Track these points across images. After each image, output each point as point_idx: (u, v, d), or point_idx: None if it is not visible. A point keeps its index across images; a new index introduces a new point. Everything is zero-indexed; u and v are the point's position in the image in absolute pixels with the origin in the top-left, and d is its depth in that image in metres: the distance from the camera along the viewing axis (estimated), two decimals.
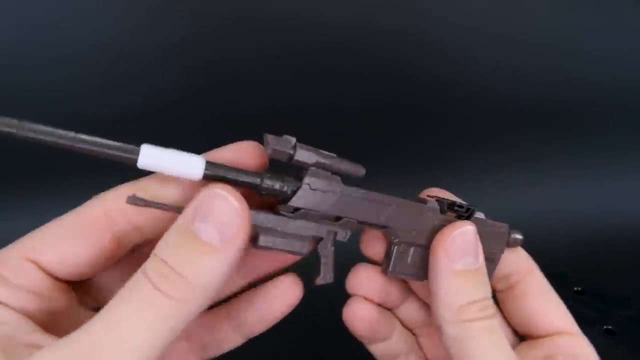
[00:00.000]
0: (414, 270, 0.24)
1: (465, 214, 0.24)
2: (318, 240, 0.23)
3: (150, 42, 0.51)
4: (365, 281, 0.26)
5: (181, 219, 0.19)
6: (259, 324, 0.25)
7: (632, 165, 0.62)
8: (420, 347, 0.29)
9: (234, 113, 0.55)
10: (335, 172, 0.22)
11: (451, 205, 0.24)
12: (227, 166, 0.21)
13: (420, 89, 0.56)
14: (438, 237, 0.24)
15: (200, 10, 0.50)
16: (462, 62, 0.55)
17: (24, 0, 0.48)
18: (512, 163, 0.61)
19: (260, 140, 0.23)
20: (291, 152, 0.21)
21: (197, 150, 0.23)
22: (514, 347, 0.27)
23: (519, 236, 0.26)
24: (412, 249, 0.24)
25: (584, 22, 0.54)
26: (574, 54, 0.55)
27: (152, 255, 0.19)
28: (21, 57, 0.50)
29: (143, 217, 0.21)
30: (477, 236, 0.24)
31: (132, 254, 0.23)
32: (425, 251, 0.24)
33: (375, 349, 0.28)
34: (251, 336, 0.25)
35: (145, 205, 0.20)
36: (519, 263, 0.27)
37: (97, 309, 0.21)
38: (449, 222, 0.24)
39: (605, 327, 0.39)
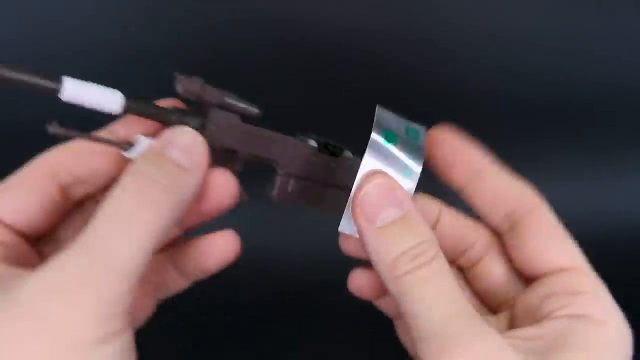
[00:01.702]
0: (293, 197, 0.26)
1: (335, 152, 0.26)
2: None
3: (150, 42, 0.51)
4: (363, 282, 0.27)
5: (153, 145, 0.22)
6: (198, 272, 0.26)
7: (632, 165, 0.62)
8: None
9: None
10: (234, 111, 0.25)
11: (325, 145, 0.26)
12: (144, 102, 0.23)
13: (420, 89, 0.56)
14: (353, 201, 0.23)
15: (200, 10, 0.50)
16: (461, 62, 0.55)
17: (24, 0, 0.48)
18: (511, 163, 0.61)
19: None
20: (200, 91, 0.23)
21: None
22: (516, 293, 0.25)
23: None
24: (292, 180, 0.26)
25: (584, 22, 0.54)
26: (574, 54, 0.55)
27: (126, 172, 0.20)
28: (21, 57, 0.50)
29: (85, 170, 0.23)
30: (392, 185, 0.23)
31: (79, 208, 0.25)
32: (304, 182, 0.26)
33: (379, 304, 0.29)
34: (195, 280, 0.27)
35: (74, 136, 0.22)
36: (520, 200, 0.25)
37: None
38: (325, 159, 0.26)
39: None
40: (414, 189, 0.24)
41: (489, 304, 0.27)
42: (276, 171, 0.26)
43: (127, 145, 0.23)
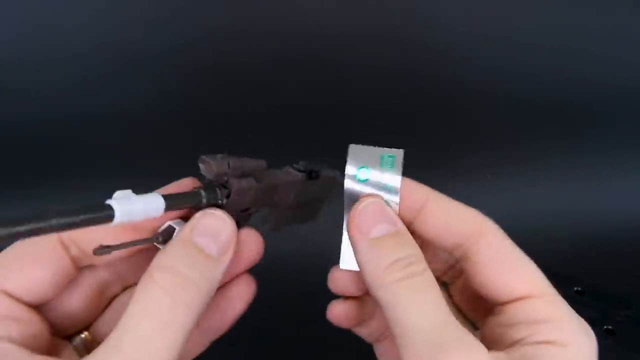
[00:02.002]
0: (285, 224, 0.28)
1: (317, 175, 0.28)
2: None
3: (150, 42, 0.51)
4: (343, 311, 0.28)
5: (182, 234, 0.22)
6: (222, 324, 0.26)
7: (632, 165, 0.62)
8: None
9: (233, 114, 0.55)
10: (250, 174, 0.25)
11: (309, 172, 0.28)
12: (175, 195, 0.22)
13: (420, 90, 0.56)
14: (349, 215, 0.24)
15: (200, 11, 0.50)
16: (461, 63, 0.55)
17: (24, 0, 0.48)
18: (512, 163, 0.61)
19: (263, 141, 0.23)
20: (227, 169, 0.23)
21: (196, 151, 0.23)
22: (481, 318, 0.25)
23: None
24: (285, 212, 0.28)
25: (584, 22, 0.54)
26: (574, 54, 0.55)
27: (157, 266, 0.21)
28: (21, 57, 0.50)
29: (92, 246, 0.22)
30: (384, 205, 0.24)
31: (84, 272, 0.24)
32: (294, 209, 0.28)
33: (359, 331, 0.29)
34: (215, 338, 0.26)
35: (114, 250, 0.21)
36: (466, 230, 0.24)
37: (56, 330, 0.23)
38: (310, 183, 0.27)
39: (605, 327, 0.39)
40: (398, 201, 0.25)
41: (470, 318, 0.28)
42: (272, 208, 0.27)
43: (159, 236, 0.22)
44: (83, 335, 0.24)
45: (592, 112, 0.59)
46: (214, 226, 0.22)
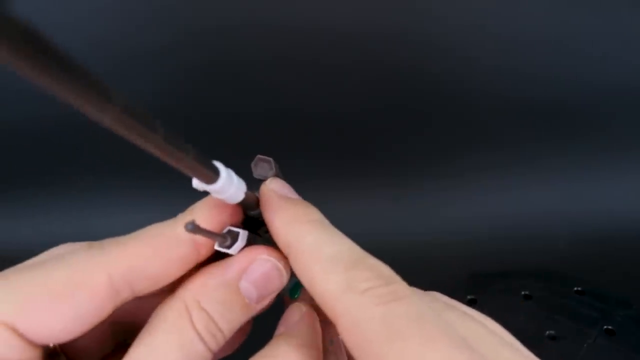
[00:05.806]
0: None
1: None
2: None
3: (148, 41, 0.51)
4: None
5: (229, 273, 0.20)
6: None
7: (632, 165, 0.62)
8: None
9: (234, 114, 0.55)
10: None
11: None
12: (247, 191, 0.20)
13: (419, 90, 0.56)
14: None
15: (200, 10, 0.50)
16: (461, 62, 0.55)
17: (22, 0, 0.48)
18: (511, 163, 0.61)
19: (258, 139, 0.23)
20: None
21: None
22: None
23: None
24: None
25: (584, 22, 0.54)
26: (574, 54, 0.55)
27: (195, 302, 0.19)
28: None
29: (147, 284, 0.19)
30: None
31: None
32: None
33: None
34: None
35: (202, 234, 0.18)
36: None
37: None
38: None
39: (605, 327, 0.39)
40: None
41: None
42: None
43: (228, 238, 0.20)
44: None
45: (592, 112, 0.59)
46: (266, 275, 0.20)
